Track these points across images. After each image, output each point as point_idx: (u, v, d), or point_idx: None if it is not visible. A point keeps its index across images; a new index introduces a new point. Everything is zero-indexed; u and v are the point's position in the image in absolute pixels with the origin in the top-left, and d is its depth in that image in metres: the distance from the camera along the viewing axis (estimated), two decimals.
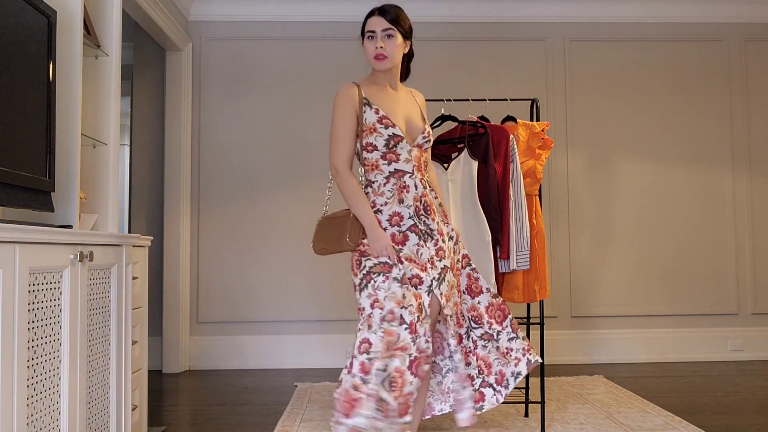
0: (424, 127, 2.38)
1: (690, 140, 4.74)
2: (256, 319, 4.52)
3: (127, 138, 5.37)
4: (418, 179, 2.31)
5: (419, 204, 2.29)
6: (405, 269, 2.20)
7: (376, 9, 2.33)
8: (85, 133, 2.56)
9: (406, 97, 2.44)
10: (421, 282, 2.21)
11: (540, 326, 2.95)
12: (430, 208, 2.31)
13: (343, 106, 2.31)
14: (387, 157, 2.29)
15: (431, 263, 2.25)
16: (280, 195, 4.58)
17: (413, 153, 2.31)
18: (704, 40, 4.80)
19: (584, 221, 4.68)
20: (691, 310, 4.68)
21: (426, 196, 2.31)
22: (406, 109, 2.37)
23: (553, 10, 4.71)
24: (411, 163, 2.30)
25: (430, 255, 2.25)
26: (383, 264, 2.19)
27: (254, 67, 4.64)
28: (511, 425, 2.98)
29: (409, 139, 2.32)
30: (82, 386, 2.01)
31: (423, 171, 2.35)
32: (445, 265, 2.28)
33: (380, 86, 2.38)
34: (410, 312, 2.13)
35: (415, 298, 2.17)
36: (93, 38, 2.62)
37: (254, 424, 3.10)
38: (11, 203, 1.90)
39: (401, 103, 2.38)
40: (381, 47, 2.29)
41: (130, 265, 2.49)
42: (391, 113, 2.31)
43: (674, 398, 3.52)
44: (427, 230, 2.28)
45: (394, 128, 2.27)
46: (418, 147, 2.33)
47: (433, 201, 2.34)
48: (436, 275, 2.24)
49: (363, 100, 2.30)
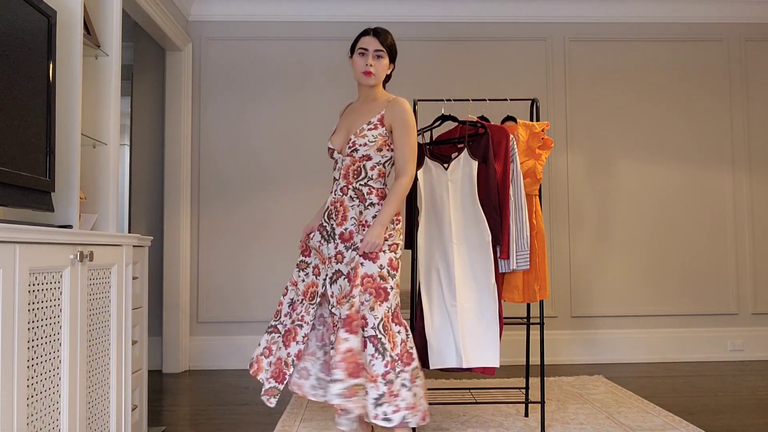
0: (350, 137, 2.54)
1: (690, 140, 4.74)
2: (256, 319, 4.52)
3: (127, 138, 5.37)
4: (339, 186, 2.56)
5: (331, 208, 2.56)
6: (313, 260, 2.63)
7: (371, 29, 2.59)
8: (85, 133, 2.56)
9: (366, 109, 2.60)
10: (319, 273, 2.60)
11: (540, 326, 2.95)
12: (339, 214, 2.53)
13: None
14: (334, 165, 2.64)
15: (329, 261, 2.54)
16: (280, 195, 4.58)
17: (345, 162, 2.56)
18: (704, 40, 4.80)
19: (584, 221, 4.68)
20: (691, 310, 4.68)
21: (339, 202, 2.54)
22: (351, 122, 2.60)
23: (553, 10, 4.71)
24: (339, 171, 2.57)
25: (330, 254, 2.54)
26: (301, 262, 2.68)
27: (254, 67, 4.64)
28: (511, 425, 2.98)
29: (344, 150, 2.56)
30: (82, 386, 2.01)
31: (350, 178, 2.54)
32: (339, 270, 2.51)
33: (356, 102, 2.70)
34: (296, 293, 2.63)
35: (312, 285, 2.59)
36: (93, 38, 2.62)
37: (254, 424, 3.10)
38: (11, 203, 1.90)
39: (354, 117, 2.61)
40: (370, 65, 2.55)
41: (130, 265, 2.49)
42: (339, 128, 2.64)
43: (674, 398, 3.52)
44: (331, 232, 2.54)
45: (329, 142, 2.64)
46: (348, 156, 2.54)
47: (347, 208, 2.52)
48: (330, 273, 2.54)
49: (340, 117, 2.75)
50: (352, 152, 2.52)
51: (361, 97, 2.66)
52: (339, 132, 2.63)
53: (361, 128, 2.53)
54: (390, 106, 2.55)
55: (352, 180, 2.53)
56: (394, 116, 2.53)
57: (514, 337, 4.08)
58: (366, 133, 2.51)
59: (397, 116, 2.53)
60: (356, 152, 2.52)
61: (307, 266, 2.63)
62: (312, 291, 2.58)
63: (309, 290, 2.59)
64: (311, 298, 2.58)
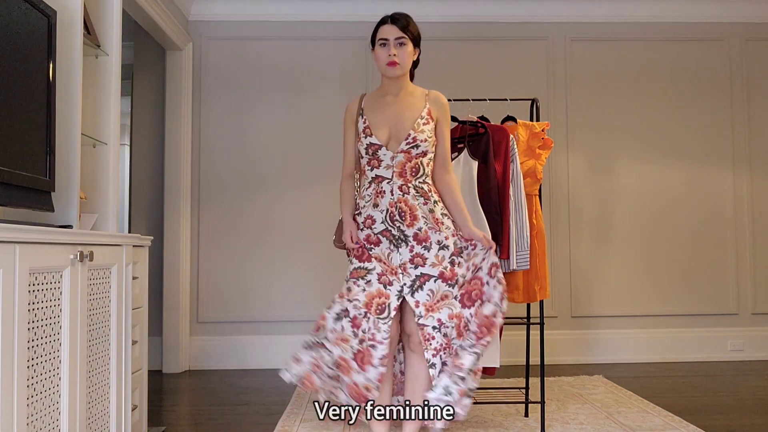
0: (408, 132, 2.37)
1: (690, 140, 4.74)
2: (256, 319, 4.52)
3: (127, 138, 5.37)
4: (397, 185, 2.37)
5: (394, 210, 2.36)
6: (376, 266, 2.34)
7: (387, 17, 2.42)
8: (85, 133, 2.56)
9: (407, 102, 2.44)
10: (390, 283, 2.32)
11: (540, 326, 2.95)
12: (407, 215, 2.34)
13: (345, 120, 2.53)
14: (371, 163, 2.42)
15: (403, 269, 2.32)
16: (280, 194, 4.58)
17: (397, 159, 2.37)
18: (704, 40, 4.79)
19: (584, 221, 4.68)
20: (691, 310, 4.68)
21: (403, 202, 2.35)
22: (396, 116, 2.41)
23: (553, 9, 4.71)
24: (391, 170, 2.38)
25: (402, 261, 2.33)
26: (359, 269, 2.36)
27: (254, 67, 4.64)
28: (511, 425, 2.98)
29: (393, 146, 2.38)
30: (82, 386, 2.01)
31: (408, 176, 2.38)
32: (426, 274, 2.31)
33: (381, 95, 2.48)
34: (355, 306, 2.30)
35: (378, 295, 2.30)
36: (93, 38, 2.62)
37: (254, 424, 3.10)
38: (11, 203, 1.90)
39: (395, 110, 2.42)
40: (394, 55, 2.38)
41: (130, 265, 2.49)
42: (377, 122, 2.41)
43: (674, 398, 3.52)
44: (401, 236, 2.34)
45: (371, 137, 2.39)
46: (403, 153, 2.37)
47: (414, 207, 2.35)
48: (408, 282, 2.31)
49: (359, 111, 2.46)
50: (411, 148, 2.37)
51: (389, 89, 2.47)
52: (380, 126, 2.40)
53: (416, 123, 2.38)
54: (433, 100, 2.46)
55: (410, 178, 2.38)
56: (441, 110, 2.46)
57: (514, 337, 4.08)
58: (423, 128, 2.38)
59: (442, 111, 2.47)
60: (416, 148, 2.37)
61: (367, 273, 2.34)
62: (380, 303, 2.31)
63: (374, 301, 2.30)
64: (379, 311, 2.30)
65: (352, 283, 2.33)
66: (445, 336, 2.30)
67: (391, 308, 2.29)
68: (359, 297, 2.30)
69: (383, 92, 2.49)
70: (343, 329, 2.30)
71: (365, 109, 2.46)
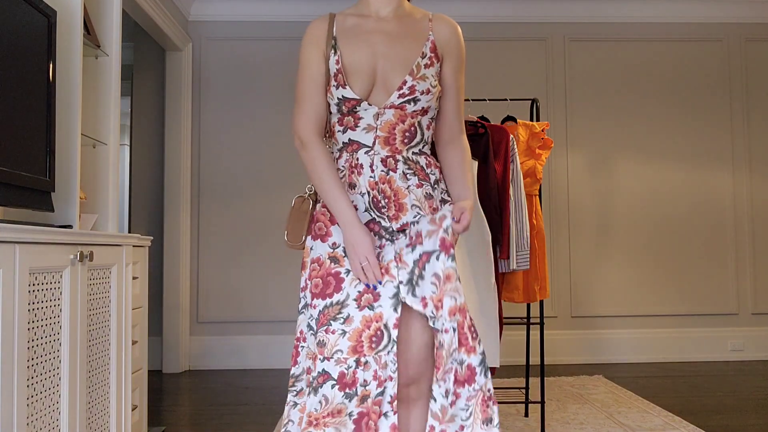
0: (404, 78, 1.58)
1: (690, 140, 4.74)
2: (256, 319, 4.52)
3: (127, 138, 5.37)
4: (380, 156, 1.59)
5: (377, 193, 1.59)
6: (348, 291, 1.53)
7: None
8: (85, 133, 2.56)
9: (403, 28, 1.65)
10: (376, 297, 1.53)
11: (540, 326, 2.95)
12: (390, 203, 1.58)
13: (305, 51, 1.63)
14: (344, 122, 1.62)
15: (397, 260, 1.56)
16: (280, 194, 4.58)
17: (383, 118, 1.59)
18: (704, 40, 4.80)
19: (584, 221, 4.68)
20: (691, 310, 4.68)
21: (387, 183, 1.58)
22: (384, 50, 1.60)
23: (553, 10, 4.71)
24: (373, 133, 1.59)
25: (399, 248, 1.57)
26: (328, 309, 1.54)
27: (254, 67, 4.64)
28: (511, 425, 2.98)
29: (379, 98, 1.59)
30: (82, 386, 2.01)
31: (397, 144, 1.60)
32: (425, 252, 1.53)
33: (363, 17, 1.66)
34: (337, 361, 1.51)
35: (366, 326, 1.51)
36: (93, 38, 2.62)
37: (254, 424, 3.10)
38: (11, 203, 1.90)
39: (382, 42, 1.61)
40: None
41: (130, 265, 2.49)
42: (354, 62, 1.59)
43: (674, 398, 3.52)
44: (389, 228, 1.59)
45: (344, 88, 1.57)
46: (394, 108, 1.59)
47: (401, 191, 1.58)
48: (405, 275, 1.54)
49: (331, 41, 1.61)
50: (406, 102, 1.59)
51: (374, 5, 1.65)
52: (358, 69, 1.59)
53: (416, 64, 1.59)
54: (437, 25, 1.67)
55: (400, 146, 1.60)
56: (449, 42, 1.67)
57: (514, 337, 4.08)
58: (425, 73, 1.60)
59: (453, 41, 1.68)
60: (414, 103, 1.59)
61: (341, 308, 1.54)
62: (371, 334, 1.52)
63: (363, 336, 1.52)
64: (375, 343, 1.52)
65: (323, 334, 1.52)
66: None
67: (390, 327, 1.52)
68: (341, 346, 1.51)
69: (364, 9, 1.67)
70: (327, 401, 1.50)
71: (339, 37, 1.62)
